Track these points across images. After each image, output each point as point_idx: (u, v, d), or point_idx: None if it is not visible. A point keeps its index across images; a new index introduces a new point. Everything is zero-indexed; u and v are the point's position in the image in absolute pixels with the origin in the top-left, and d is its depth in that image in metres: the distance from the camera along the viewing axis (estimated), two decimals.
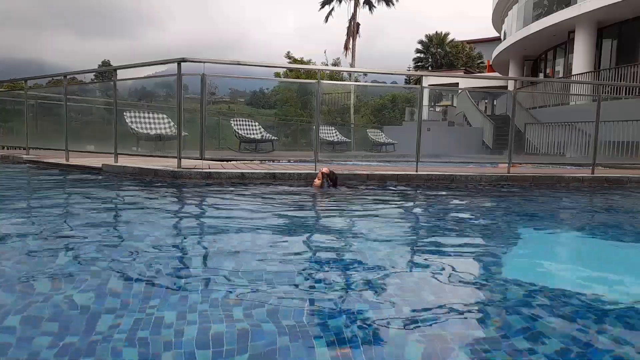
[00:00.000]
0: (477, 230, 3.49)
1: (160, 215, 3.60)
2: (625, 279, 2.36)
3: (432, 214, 4.18)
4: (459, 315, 1.74)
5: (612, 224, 4.04)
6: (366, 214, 3.95)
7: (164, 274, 2.11)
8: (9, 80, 12.46)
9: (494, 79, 27.28)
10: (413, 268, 2.38)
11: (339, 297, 1.86)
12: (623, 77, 13.90)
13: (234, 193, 4.81)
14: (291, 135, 16.38)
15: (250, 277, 2.05)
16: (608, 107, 8.76)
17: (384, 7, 28.31)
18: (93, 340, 1.43)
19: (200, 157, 6.05)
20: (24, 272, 2.07)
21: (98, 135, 8.39)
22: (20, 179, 5.99)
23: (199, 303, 1.74)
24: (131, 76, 7.69)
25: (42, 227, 3.01)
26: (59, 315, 1.63)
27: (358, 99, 23.07)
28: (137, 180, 5.54)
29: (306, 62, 33.44)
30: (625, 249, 3.08)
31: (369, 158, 11.90)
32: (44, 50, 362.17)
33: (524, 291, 2.00)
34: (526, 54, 21.25)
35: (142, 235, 2.86)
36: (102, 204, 4.03)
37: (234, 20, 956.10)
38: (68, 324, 1.56)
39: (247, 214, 3.72)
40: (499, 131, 14.44)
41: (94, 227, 3.05)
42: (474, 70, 37.14)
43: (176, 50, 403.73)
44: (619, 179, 6.73)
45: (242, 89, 56.75)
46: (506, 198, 5.38)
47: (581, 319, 1.71)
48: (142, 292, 1.85)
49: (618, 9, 13.84)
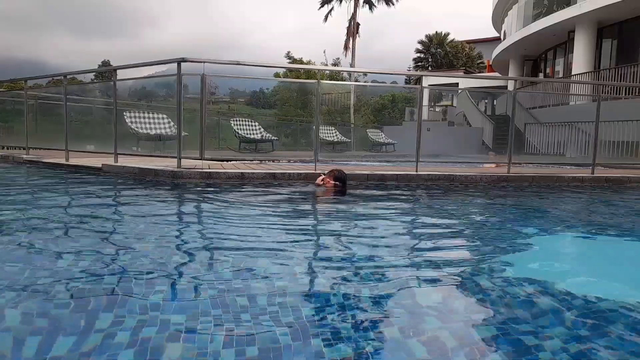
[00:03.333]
0: (478, 230, 3.49)
1: (160, 215, 3.60)
2: (629, 279, 2.36)
3: (432, 214, 4.18)
4: (461, 315, 1.74)
5: (613, 224, 4.04)
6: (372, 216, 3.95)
7: (163, 273, 2.11)
8: (9, 80, 12.44)
9: (494, 79, 27.31)
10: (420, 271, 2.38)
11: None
12: (623, 77, 13.91)
13: (233, 193, 4.81)
14: (291, 135, 16.39)
15: (250, 277, 2.05)
16: (608, 107, 8.77)
17: (384, 7, 28.36)
18: (91, 339, 1.43)
19: (200, 157, 6.05)
20: (23, 272, 2.07)
21: (98, 135, 8.40)
22: (20, 179, 5.98)
23: (200, 304, 1.74)
24: (131, 76, 7.69)
25: (41, 227, 3.00)
26: (58, 315, 1.63)
27: (358, 99, 23.10)
28: (137, 180, 5.54)
29: (306, 62, 33.46)
30: (630, 249, 3.08)
31: (368, 158, 11.91)
32: (44, 50, 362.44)
33: (531, 291, 2.00)
34: (526, 54, 21.25)
35: (141, 236, 2.86)
36: (101, 204, 4.02)
37: (233, 20, 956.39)
38: (67, 323, 1.56)
39: (248, 214, 3.72)
40: (499, 131, 14.46)
41: (94, 227, 3.05)
42: (473, 70, 37.16)
43: (176, 50, 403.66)
44: (619, 178, 6.73)
45: (242, 89, 56.79)
46: (506, 198, 5.39)
47: (583, 319, 1.71)
48: (142, 292, 1.85)
49: (618, 9, 13.84)
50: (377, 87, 22.62)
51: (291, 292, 1.89)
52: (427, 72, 36.58)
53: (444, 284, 2.09)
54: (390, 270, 2.25)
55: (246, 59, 6.51)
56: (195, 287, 1.95)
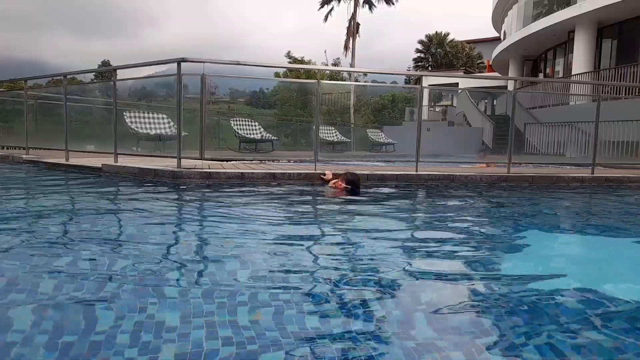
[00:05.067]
0: (479, 230, 3.49)
1: (159, 215, 3.60)
2: (629, 278, 2.36)
3: (432, 214, 4.18)
4: (463, 313, 1.74)
5: (614, 224, 4.04)
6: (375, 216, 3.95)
7: (162, 274, 2.11)
8: (9, 80, 12.44)
9: (494, 79, 27.30)
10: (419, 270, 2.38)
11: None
12: (623, 77, 13.90)
13: (234, 193, 4.81)
14: (291, 135, 16.39)
15: (250, 277, 2.05)
16: (608, 107, 8.76)
17: (384, 7, 28.33)
18: (94, 340, 1.43)
19: (200, 157, 6.05)
20: (21, 272, 2.07)
21: (98, 135, 8.39)
22: (19, 179, 5.98)
23: (202, 305, 1.74)
24: (131, 76, 7.69)
25: (40, 227, 3.00)
26: (57, 315, 1.63)
27: (358, 99, 23.09)
28: (137, 180, 5.54)
29: (306, 62, 33.44)
30: (629, 248, 3.08)
31: (368, 158, 11.91)
32: (44, 50, 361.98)
33: (532, 290, 2.00)
34: (526, 54, 21.24)
35: (141, 235, 2.86)
36: (101, 204, 4.03)
37: (233, 20, 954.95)
38: (65, 324, 1.56)
39: (247, 215, 3.72)
40: (498, 131, 14.45)
41: (93, 227, 3.05)
42: (473, 70, 37.14)
43: (176, 50, 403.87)
44: (619, 178, 6.73)
45: (242, 89, 56.79)
46: (506, 198, 5.39)
47: (584, 319, 1.71)
48: (140, 292, 1.85)
49: (618, 9, 13.84)
50: (377, 87, 22.63)
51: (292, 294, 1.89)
52: (427, 72, 36.57)
53: (451, 285, 2.09)
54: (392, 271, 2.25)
55: (246, 59, 6.50)
56: (195, 287, 1.95)
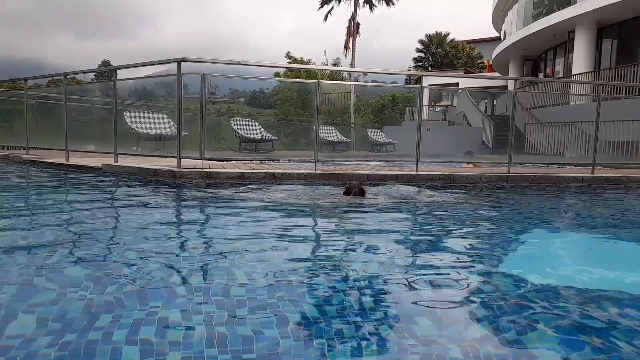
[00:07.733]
0: (480, 230, 3.49)
1: (159, 215, 3.60)
2: (629, 278, 2.36)
3: (431, 214, 4.18)
4: (463, 313, 1.75)
5: (614, 224, 4.04)
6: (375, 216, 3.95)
7: (162, 274, 2.11)
8: (9, 80, 12.46)
9: (494, 79, 27.29)
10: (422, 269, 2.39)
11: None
12: (623, 77, 13.90)
13: (233, 193, 4.81)
14: (291, 135, 16.40)
15: (247, 276, 2.06)
16: (608, 107, 8.76)
17: (384, 7, 28.35)
18: (91, 340, 1.43)
19: (200, 157, 6.05)
20: (20, 272, 2.07)
21: (98, 135, 8.39)
22: (19, 179, 5.98)
23: (202, 303, 1.74)
24: (131, 76, 7.69)
25: (40, 227, 3.00)
26: (55, 316, 1.63)
27: (358, 99, 23.08)
28: (137, 180, 5.55)
29: (306, 62, 33.44)
30: (629, 248, 3.08)
31: (369, 158, 11.91)
32: (44, 50, 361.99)
33: (533, 290, 2.00)
34: (526, 54, 21.25)
35: (141, 235, 2.86)
36: (101, 204, 4.03)
37: (234, 20, 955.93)
38: (64, 323, 1.56)
39: (247, 214, 3.72)
40: (498, 131, 14.45)
41: (93, 227, 3.05)
42: (474, 70, 37.13)
43: (176, 50, 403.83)
44: (619, 179, 6.73)
45: (242, 89, 56.78)
46: (507, 198, 5.39)
47: (585, 318, 1.71)
48: (141, 292, 1.85)
49: (618, 9, 13.84)
50: (377, 87, 22.61)
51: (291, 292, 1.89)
52: (427, 72, 36.54)
53: (453, 283, 2.09)
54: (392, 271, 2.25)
55: (246, 59, 6.50)
56: (194, 288, 1.95)
